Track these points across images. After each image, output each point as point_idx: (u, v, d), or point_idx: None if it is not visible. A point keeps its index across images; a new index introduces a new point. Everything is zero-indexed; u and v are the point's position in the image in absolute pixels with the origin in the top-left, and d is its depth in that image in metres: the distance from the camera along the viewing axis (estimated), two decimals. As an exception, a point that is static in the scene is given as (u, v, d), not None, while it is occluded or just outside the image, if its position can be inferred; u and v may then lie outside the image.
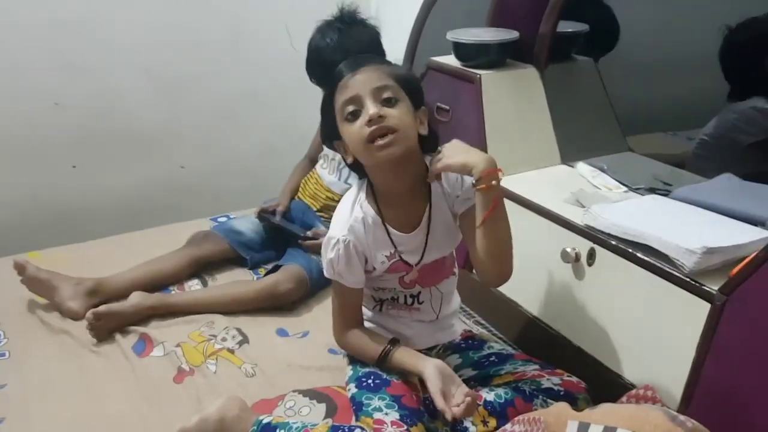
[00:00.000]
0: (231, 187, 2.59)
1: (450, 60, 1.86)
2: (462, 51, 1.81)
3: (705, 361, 1.16)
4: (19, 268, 1.68)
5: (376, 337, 1.32)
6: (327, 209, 1.92)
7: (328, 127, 1.26)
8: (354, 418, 1.26)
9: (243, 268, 1.92)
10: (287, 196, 2.03)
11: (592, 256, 1.38)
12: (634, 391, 1.25)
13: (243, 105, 2.58)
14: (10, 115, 2.21)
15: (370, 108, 1.15)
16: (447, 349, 1.41)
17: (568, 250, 1.41)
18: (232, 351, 1.55)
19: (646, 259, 1.27)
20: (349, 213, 1.26)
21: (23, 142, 2.26)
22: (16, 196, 2.30)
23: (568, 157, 1.76)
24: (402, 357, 1.27)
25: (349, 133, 1.19)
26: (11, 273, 1.69)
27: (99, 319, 1.58)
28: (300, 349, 1.57)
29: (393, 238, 1.26)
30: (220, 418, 1.23)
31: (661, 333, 1.26)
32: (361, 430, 1.17)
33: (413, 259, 1.29)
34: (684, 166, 1.84)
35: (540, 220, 1.51)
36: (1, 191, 2.27)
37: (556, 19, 1.73)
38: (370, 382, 1.27)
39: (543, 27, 1.75)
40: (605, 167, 1.66)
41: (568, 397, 1.24)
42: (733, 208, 1.33)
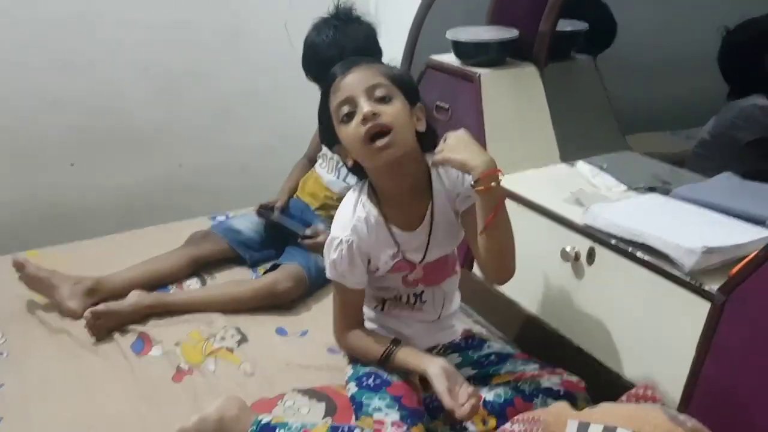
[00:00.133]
0: (230, 186, 2.58)
1: (449, 59, 1.85)
2: (461, 49, 1.81)
3: (705, 360, 1.16)
4: (18, 267, 1.68)
5: (377, 337, 1.32)
6: (326, 208, 1.93)
7: (327, 132, 1.25)
8: (354, 418, 1.25)
9: (242, 267, 1.92)
10: (286, 193, 2.03)
11: (591, 256, 1.38)
12: (634, 391, 1.25)
13: (242, 103, 2.57)
14: (8, 113, 2.20)
15: (364, 106, 1.15)
16: (447, 348, 1.41)
17: (568, 249, 1.41)
18: (231, 350, 1.55)
19: (646, 258, 1.27)
20: (352, 213, 1.26)
21: (22, 141, 2.26)
22: (14, 195, 2.30)
23: (568, 156, 1.75)
24: (405, 356, 1.26)
25: (347, 134, 1.18)
26: (10, 271, 1.69)
27: (98, 318, 1.58)
28: (299, 348, 1.57)
29: (396, 237, 1.26)
30: (219, 418, 1.23)
31: (660, 332, 1.26)
32: (361, 430, 1.17)
33: (416, 258, 1.29)
34: (683, 165, 1.84)
35: (540, 220, 1.51)
36: (-1, 190, 2.27)
37: (555, 17, 1.72)
38: (370, 381, 1.26)
39: (542, 25, 1.75)
40: (605, 166, 1.66)
41: (568, 397, 1.24)
42: (733, 207, 1.33)
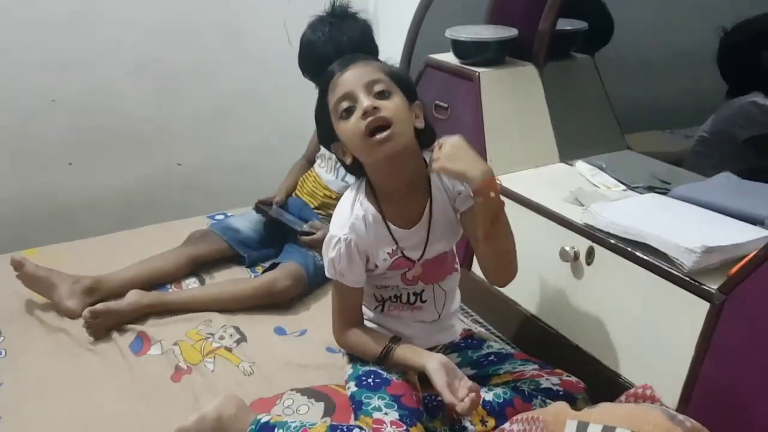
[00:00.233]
0: (229, 185, 2.58)
1: (448, 57, 1.85)
2: (461, 48, 1.80)
3: (704, 360, 1.16)
4: (17, 265, 1.67)
5: (376, 335, 1.32)
6: (325, 207, 1.92)
7: (324, 130, 1.25)
8: (353, 417, 1.25)
9: (240, 266, 1.91)
10: (284, 191, 2.03)
11: (591, 255, 1.38)
12: (633, 390, 1.24)
13: (241, 102, 2.57)
14: (6, 112, 2.20)
15: (364, 101, 1.14)
16: (446, 348, 1.41)
17: (567, 248, 1.41)
18: (229, 349, 1.55)
19: (645, 258, 1.27)
20: (350, 212, 1.25)
21: (20, 140, 2.25)
22: (12, 193, 2.29)
23: (567, 155, 1.76)
24: (404, 353, 1.26)
25: (346, 130, 1.17)
26: (8, 270, 1.69)
27: (96, 317, 1.57)
28: (298, 347, 1.57)
29: (394, 234, 1.26)
30: (217, 417, 1.23)
31: (660, 332, 1.26)
32: (360, 429, 1.17)
33: (415, 255, 1.28)
34: (682, 164, 1.84)
35: (539, 219, 1.51)
36: (-2, 188, 2.27)
37: (555, 16, 1.72)
38: (369, 381, 1.26)
39: (542, 24, 1.74)
40: (604, 165, 1.66)
41: (567, 397, 1.24)
42: (732, 206, 1.33)
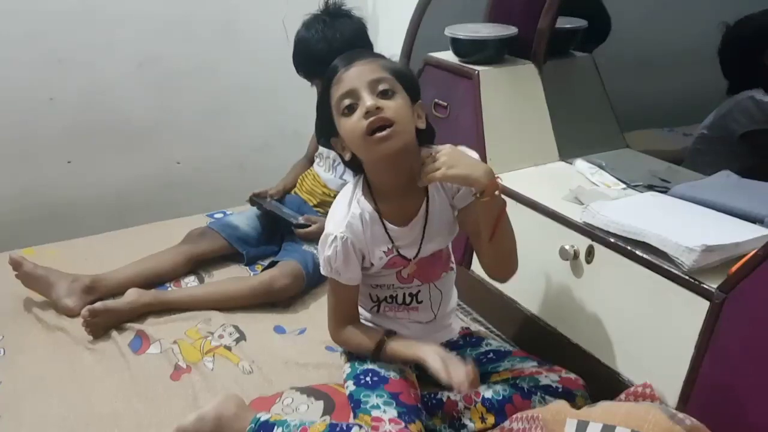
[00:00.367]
0: (227, 184, 2.57)
1: (448, 56, 1.85)
2: (460, 47, 1.80)
3: (704, 358, 1.16)
4: (15, 265, 1.67)
5: (370, 330, 1.32)
6: (323, 205, 1.93)
7: (324, 124, 1.24)
8: (352, 416, 1.25)
9: (239, 264, 1.91)
10: (281, 185, 2.04)
11: (590, 254, 1.38)
12: (633, 389, 1.25)
13: (239, 100, 2.56)
14: (4, 110, 2.19)
15: (367, 100, 1.13)
16: (445, 346, 1.39)
17: (567, 247, 1.41)
18: (229, 348, 1.55)
19: (645, 256, 1.26)
20: (347, 210, 1.25)
21: (18, 138, 2.24)
22: (10, 192, 2.29)
23: (567, 153, 1.75)
24: (397, 346, 1.26)
25: (347, 127, 1.17)
26: (7, 269, 1.68)
27: (95, 316, 1.57)
28: (297, 346, 1.56)
29: (390, 233, 1.26)
30: (217, 416, 1.23)
31: (659, 331, 1.26)
32: (359, 427, 1.17)
33: (410, 253, 1.28)
34: (681, 163, 1.84)
35: (538, 218, 1.51)
36: (-4, 187, 2.26)
37: (554, 14, 1.72)
38: (368, 379, 1.26)
39: (541, 22, 1.74)
40: (603, 164, 1.66)
41: (567, 394, 1.24)
42: (732, 205, 1.33)
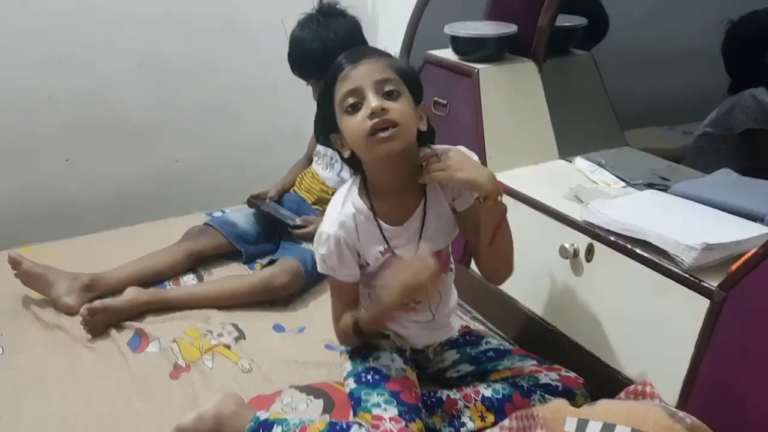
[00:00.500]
0: (226, 182, 2.56)
1: (447, 54, 1.84)
2: (460, 45, 1.80)
3: (704, 357, 1.16)
4: (14, 263, 1.67)
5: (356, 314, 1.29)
6: (321, 202, 1.92)
7: (325, 120, 1.23)
8: (352, 414, 1.25)
9: (238, 263, 1.91)
10: (279, 187, 2.04)
11: (590, 252, 1.38)
12: (633, 387, 1.25)
13: (238, 99, 2.55)
14: (3, 109, 2.18)
15: (373, 101, 1.12)
16: (444, 345, 1.40)
17: (567, 245, 1.40)
18: (228, 347, 1.54)
19: (645, 255, 1.26)
20: (340, 208, 1.24)
21: (16, 136, 2.23)
22: (9, 191, 2.28)
23: (566, 152, 1.75)
24: (366, 316, 1.24)
25: (350, 126, 1.16)
26: (5, 268, 1.68)
27: (94, 314, 1.57)
28: (297, 344, 1.56)
29: (385, 233, 1.25)
30: (216, 415, 1.22)
31: (659, 329, 1.26)
32: (359, 425, 1.17)
33: (407, 254, 1.27)
34: (680, 161, 1.84)
35: (538, 216, 1.51)
36: (-5, 185, 2.26)
37: (554, 12, 1.71)
38: (369, 377, 1.26)
39: (541, 20, 1.73)
40: (603, 162, 1.66)
41: (566, 393, 1.24)
42: (732, 203, 1.33)
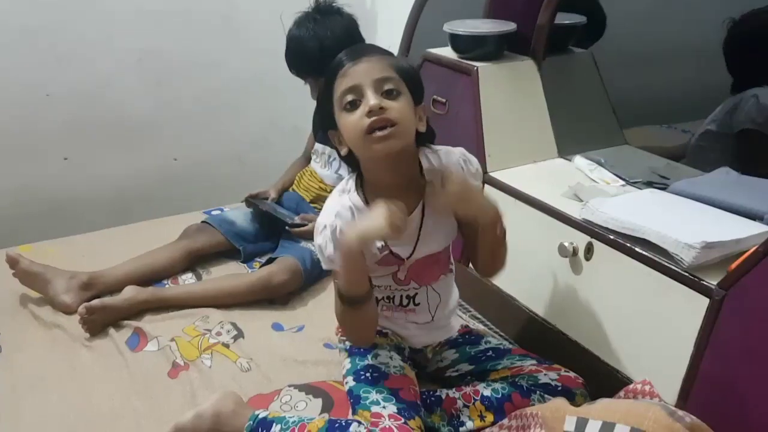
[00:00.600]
0: (225, 180, 2.56)
1: (446, 52, 1.84)
2: (459, 43, 1.79)
3: (703, 355, 1.16)
4: (12, 262, 1.66)
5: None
6: (320, 200, 1.92)
7: (324, 116, 1.22)
8: (351, 412, 1.25)
9: (237, 261, 1.90)
10: (278, 186, 2.03)
11: (589, 251, 1.38)
12: (632, 386, 1.25)
13: (238, 96, 2.55)
14: (0, 106, 2.18)
15: (371, 99, 1.12)
16: (444, 344, 1.40)
17: (566, 244, 1.40)
18: (227, 345, 1.54)
19: (645, 253, 1.26)
20: (337, 201, 1.25)
21: (14, 134, 2.23)
22: (7, 188, 2.27)
23: (566, 150, 1.75)
24: (339, 281, 1.18)
25: (347, 123, 1.15)
26: (3, 266, 1.68)
27: (92, 313, 1.56)
28: (295, 343, 1.56)
29: None
30: (215, 413, 1.22)
31: (659, 328, 1.26)
32: (358, 423, 1.16)
33: (404, 253, 1.26)
34: (679, 159, 1.84)
35: (537, 214, 1.50)
36: (-7, 184, 2.25)
37: (553, 10, 1.71)
38: (368, 375, 1.26)
39: (540, 18, 1.73)
40: (603, 161, 1.66)
41: (566, 392, 1.24)
42: (732, 202, 1.33)
